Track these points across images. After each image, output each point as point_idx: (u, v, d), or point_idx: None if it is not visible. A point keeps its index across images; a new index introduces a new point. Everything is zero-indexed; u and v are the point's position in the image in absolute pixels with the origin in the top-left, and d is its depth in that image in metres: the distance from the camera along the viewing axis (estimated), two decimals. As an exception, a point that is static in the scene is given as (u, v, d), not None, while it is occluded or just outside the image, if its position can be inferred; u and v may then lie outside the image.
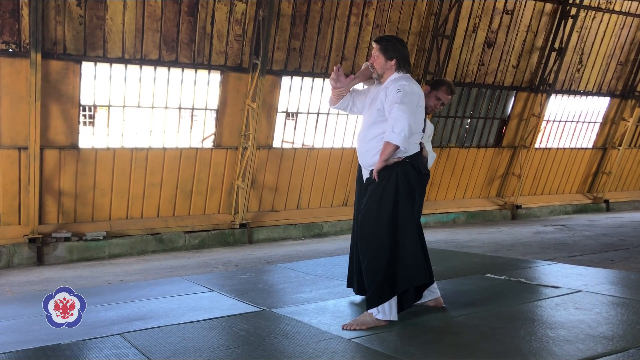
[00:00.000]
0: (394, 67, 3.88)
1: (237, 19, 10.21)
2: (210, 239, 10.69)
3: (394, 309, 3.78)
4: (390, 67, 3.88)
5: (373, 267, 3.77)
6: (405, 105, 3.69)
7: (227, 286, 5.47)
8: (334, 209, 12.07)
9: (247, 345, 3.55)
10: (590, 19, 13.80)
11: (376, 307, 3.76)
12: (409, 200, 3.79)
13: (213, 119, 10.66)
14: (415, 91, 3.79)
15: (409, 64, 3.95)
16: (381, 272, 3.74)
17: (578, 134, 15.01)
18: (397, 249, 3.75)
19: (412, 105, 3.73)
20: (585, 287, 4.70)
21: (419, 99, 3.82)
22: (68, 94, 9.27)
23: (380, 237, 3.76)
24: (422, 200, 3.96)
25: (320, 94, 11.44)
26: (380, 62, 3.90)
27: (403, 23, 11.73)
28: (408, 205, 3.79)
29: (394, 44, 3.90)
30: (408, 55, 3.96)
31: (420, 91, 3.86)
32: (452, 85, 4.46)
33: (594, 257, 7.16)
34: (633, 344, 3.23)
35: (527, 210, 14.38)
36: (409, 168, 3.80)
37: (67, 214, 9.67)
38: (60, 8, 8.90)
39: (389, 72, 3.89)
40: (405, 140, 3.68)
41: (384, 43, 3.90)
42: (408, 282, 3.77)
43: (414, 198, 3.83)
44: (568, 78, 14.18)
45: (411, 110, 3.71)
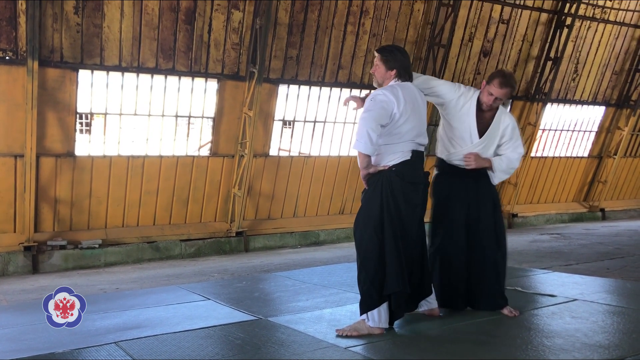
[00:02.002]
0: (393, 77, 3.89)
1: (234, 28, 10.24)
2: (207, 247, 10.66)
3: (384, 316, 3.75)
4: (390, 76, 3.89)
5: (361, 274, 3.80)
6: (367, 112, 3.73)
7: (223, 295, 5.45)
8: (330, 217, 12.07)
9: (243, 354, 3.53)
10: (586, 29, 13.88)
11: (365, 313, 3.76)
12: (395, 208, 3.75)
13: (210, 127, 10.66)
14: (384, 99, 3.74)
15: (409, 73, 3.94)
16: (368, 279, 3.74)
17: (574, 143, 15.07)
18: (384, 257, 3.73)
19: (375, 112, 3.70)
20: (581, 295, 4.70)
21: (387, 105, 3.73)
22: (65, 102, 9.27)
23: (366, 244, 3.76)
24: (413, 209, 3.84)
25: (317, 102, 11.46)
26: (380, 71, 3.92)
27: (399, 32, 11.78)
28: (393, 214, 3.74)
29: (395, 54, 3.91)
30: (409, 64, 3.95)
31: (395, 97, 3.75)
32: (508, 77, 4.10)
33: (590, 265, 7.17)
34: (629, 352, 3.23)
35: (523, 218, 14.39)
36: (393, 176, 3.76)
37: (63, 222, 9.63)
38: (58, 16, 8.91)
39: (388, 82, 3.91)
40: (366, 147, 3.67)
41: (385, 53, 3.92)
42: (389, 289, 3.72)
43: (399, 207, 3.76)
44: (563, 87, 14.25)
45: (374, 117, 3.68)
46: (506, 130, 4.19)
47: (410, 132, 3.83)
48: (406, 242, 3.81)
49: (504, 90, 4.06)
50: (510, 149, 4.20)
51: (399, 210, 3.77)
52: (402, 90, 3.82)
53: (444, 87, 4.21)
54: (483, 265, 4.15)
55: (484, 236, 4.17)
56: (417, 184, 3.87)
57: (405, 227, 3.80)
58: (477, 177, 4.18)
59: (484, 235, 4.17)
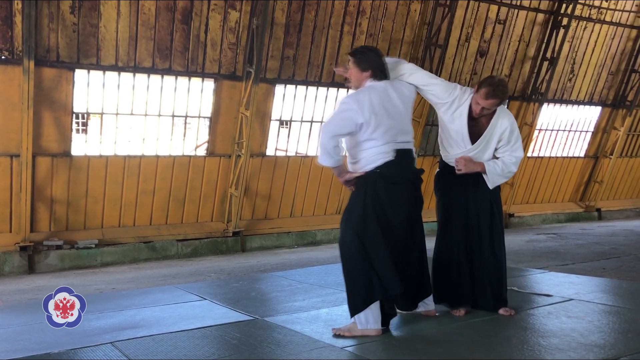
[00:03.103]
0: (368, 78, 3.83)
1: (231, 28, 10.23)
2: (203, 247, 10.65)
3: (371, 319, 3.69)
4: (365, 78, 3.84)
5: (345, 277, 3.77)
6: (326, 123, 3.80)
7: (220, 295, 5.45)
8: (327, 217, 12.06)
9: (239, 354, 3.53)
10: (582, 29, 13.92)
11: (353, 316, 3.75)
12: (380, 210, 3.70)
13: (206, 126, 10.65)
14: (346, 108, 3.71)
15: (385, 72, 3.86)
16: (350, 281, 3.72)
17: (570, 143, 15.10)
18: (369, 260, 3.66)
19: (332, 124, 3.73)
20: (577, 295, 4.71)
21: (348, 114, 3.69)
22: (61, 102, 9.24)
23: (349, 247, 3.71)
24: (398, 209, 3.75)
25: (314, 102, 11.46)
26: (355, 73, 3.87)
27: (396, 32, 11.79)
28: (379, 216, 3.69)
29: (367, 54, 3.87)
30: (383, 64, 3.87)
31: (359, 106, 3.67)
32: (496, 87, 3.89)
33: (586, 265, 7.19)
34: (624, 352, 3.24)
35: (519, 218, 14.42)
36: (377, 178, 3.72)
37: (59, 222, 9.61)
38: (54, 15, 8.89)
39: (363, 83, 3.85)
40: (327, 160, 3.72)
41: (358, 55, 3.88)
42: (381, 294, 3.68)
43: (384, 208, 3.70)
44: (560, 87, 14.27)
45: (330, 129, 3.70)
46: (504, 133, 4.06)
47: (387, 133, 3.74)
48: (394, 243, 3.74)
49: (490, 101, 3.91)
50: (508, 152, 4.08)
51: (383, 211, 3.71)
52: (371, 94, 3.73)
53: (438, 88, 4.07)
54: (481, 265, 4.12)
55: (483, 237, 4.13)
56: (401, 183, 3.79)
57: (392, 229, 3.73)
58: (476, 176, 4.12)
59: (483, 236, 4.13)
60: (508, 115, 4.15)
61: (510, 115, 4.16)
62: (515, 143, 4.10)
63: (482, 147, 4.07)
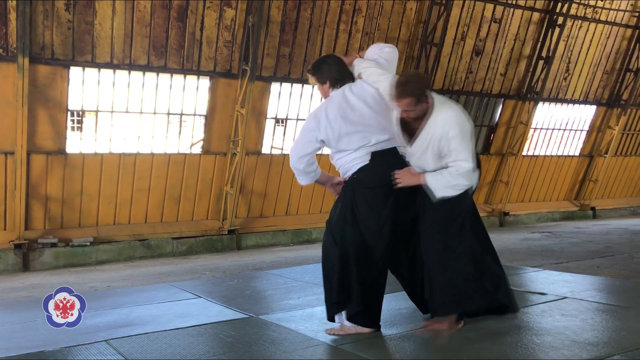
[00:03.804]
0: (329, 89, 3.87)
1: (227, 25, 10.21)
2: (198, 245, 10.64)
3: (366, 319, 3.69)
4: (327, 88, 3.88)
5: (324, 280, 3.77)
6: (294, 143, 3.89)
7: (215, 293, 5.45)
8: (323, 215, 12.04)
9: (234, 352, 3.53)
10: (577, 29, 13.95)
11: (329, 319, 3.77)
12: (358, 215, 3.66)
13: (202, 124, 10.63)
14: (308, 127, 3.78)
15: (341, 78, 3.82)
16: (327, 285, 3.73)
17: (565, 142, 15.14)
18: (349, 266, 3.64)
19: (298, 145, 3.82)
20: (571, 293, 4.73)
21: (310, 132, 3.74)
22: (56, 99, 9.21)
23: (328, 251, 3.73)
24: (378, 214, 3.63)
25: (310, 101, 11.46)
26: (318, 87, 3.97)
27: (392, 31, 11.79)
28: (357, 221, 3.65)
29: (320, 67, 3.91)
30: (339, 70, 3.84)
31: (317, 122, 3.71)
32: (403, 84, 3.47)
33: (580, 263, 7.21)
34: (617, 350, 3.25)
35: (514, 217, 14.45)
36: (354, 184, 3.70)
37: (54, 220, 9.59)
38: (49, 12, 8.86)
39: (329, 93, 3.88)
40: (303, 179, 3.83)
41: (311, 71, 3.96)
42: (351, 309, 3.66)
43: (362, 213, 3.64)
44: (555, 86, 14.31)
45: (296, 150, 3.79)
46: (442, 140, 3.51)
47: (353, 141, 3.67)
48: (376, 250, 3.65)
49: (403, 101, 3.48)
50: (452, 162, 3.52)
51: (361, 217, 3.66)
52: (328, 108, 3.73)
53: (383, 85, 3.72)
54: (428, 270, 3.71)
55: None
56: (377, 187, 3.65)
57: (373, 234, 3.64)
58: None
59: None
60: (449, 116, 3.56)
61: (455, 117, 3.57)
62: (462, 152, 3.50)
63: (419, 153, 3.62)
